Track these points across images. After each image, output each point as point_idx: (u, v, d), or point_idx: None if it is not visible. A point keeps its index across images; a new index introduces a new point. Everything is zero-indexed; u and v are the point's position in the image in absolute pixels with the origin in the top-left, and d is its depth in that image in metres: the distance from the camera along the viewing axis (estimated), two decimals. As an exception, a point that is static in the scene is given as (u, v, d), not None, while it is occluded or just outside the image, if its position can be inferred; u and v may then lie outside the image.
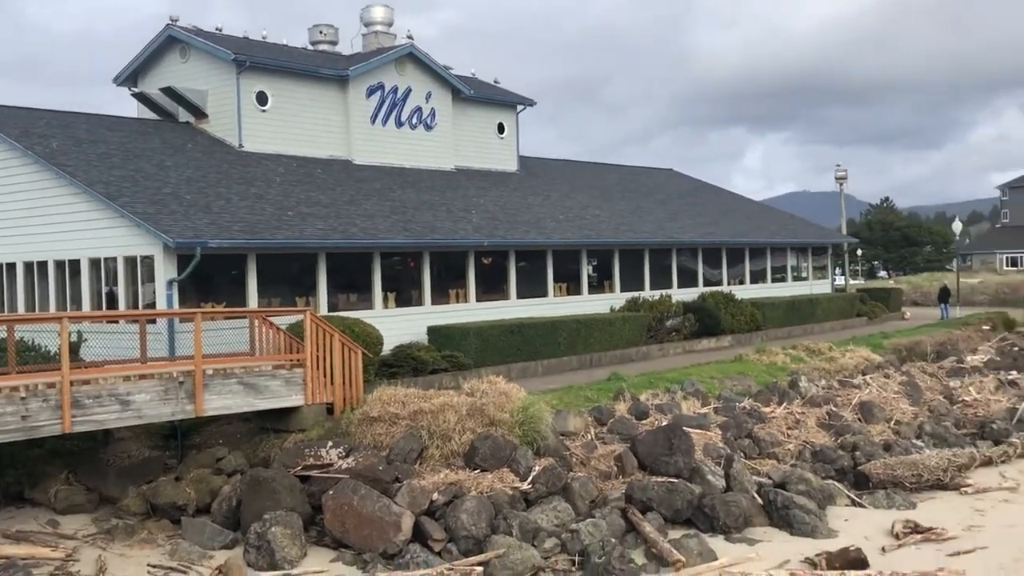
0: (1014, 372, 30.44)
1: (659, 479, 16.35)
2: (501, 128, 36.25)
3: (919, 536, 15.26)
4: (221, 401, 16.82)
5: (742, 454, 18.89)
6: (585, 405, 20.58)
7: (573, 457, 17.50)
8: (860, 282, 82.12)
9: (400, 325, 24.99)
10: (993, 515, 16.85)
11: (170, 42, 29.98)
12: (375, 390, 18.76)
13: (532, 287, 30.01)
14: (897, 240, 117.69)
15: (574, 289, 31.72)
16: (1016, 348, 36.16)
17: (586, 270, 32.21)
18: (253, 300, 22.46)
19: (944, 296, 48.57)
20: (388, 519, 14.42)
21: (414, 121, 32.40)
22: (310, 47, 33.75)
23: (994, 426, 23.35)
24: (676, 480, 16.31)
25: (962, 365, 31.26)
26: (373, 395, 18.43)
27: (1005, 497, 18.09)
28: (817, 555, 13.91)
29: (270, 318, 19.25)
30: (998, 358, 33.72)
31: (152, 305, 21.25)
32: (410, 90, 32.18)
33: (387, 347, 23.24)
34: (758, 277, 40.77)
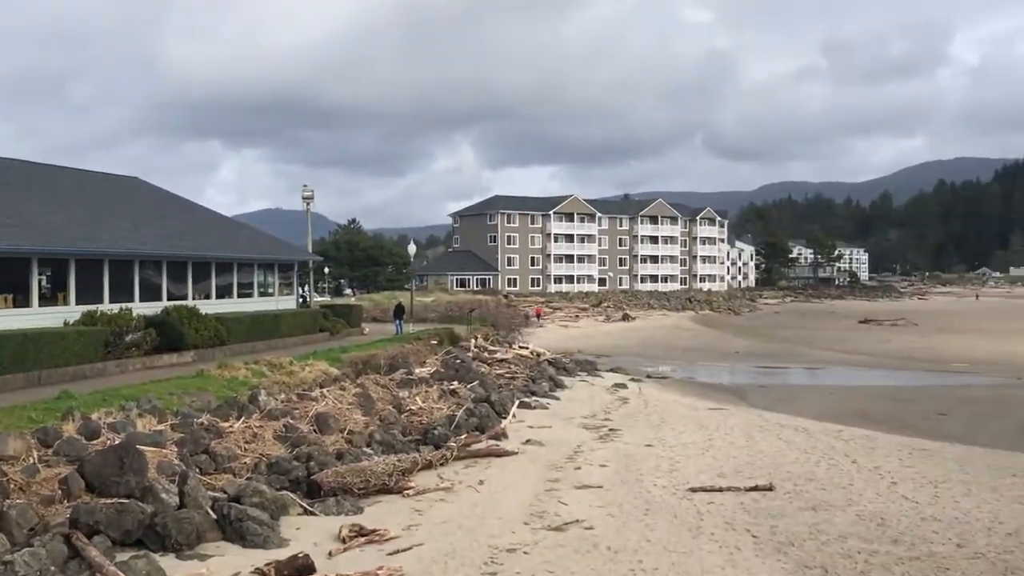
0: (456, 382, 33.71)
1: (109, 501, 15.68)
2: (-63, 118, 32.28)
3: (363, 539, 16.28)
4: None
5: (198, 470, 18.75)
6: (29, 427, 19.06)
7: (11, 483, 16.12)
8: (326, 299, 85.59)
9: None
10: (430, 514, 18.47)
11: None
12: None
13: (-30, 298, 27.12)
14: (362, 260, 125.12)
15: (22, 301, 29.26)
16: (458, 360, 40.11)
17: (37, 280, 29.83)
18: None
19: (399, 313, 52.45)
20: None
21: None
22: None
23: (436, 432, 25.67)
24: (127, 500, 15.76)
25: (411, 376, 33.92)
26: None
27: (441, 497, 19.93)
28: (267, 564, 14.24)
29: None
30: (443, 370, 37.14)
31: None
32: None
33: None
34: (225, 292, 40.74)
